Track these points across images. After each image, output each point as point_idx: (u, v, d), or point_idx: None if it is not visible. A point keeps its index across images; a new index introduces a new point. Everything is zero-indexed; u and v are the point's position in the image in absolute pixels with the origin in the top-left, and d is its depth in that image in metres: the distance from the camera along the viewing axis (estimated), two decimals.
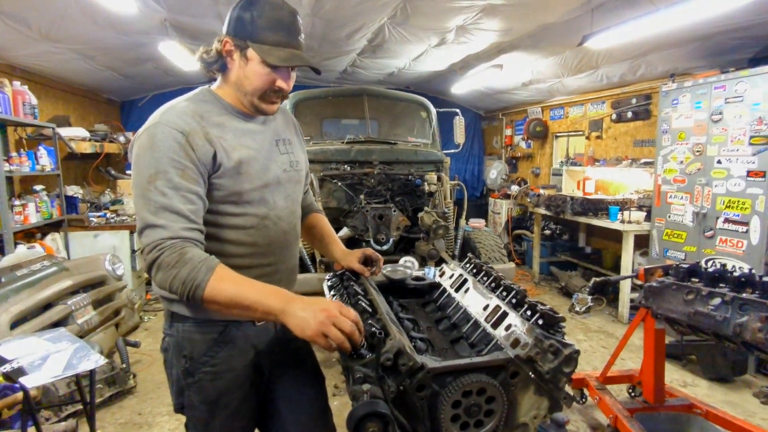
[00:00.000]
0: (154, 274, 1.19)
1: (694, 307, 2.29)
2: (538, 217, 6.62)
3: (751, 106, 3.76)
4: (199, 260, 1.18)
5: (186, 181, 1.24)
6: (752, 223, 3.78)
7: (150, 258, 1.18)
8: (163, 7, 4.11)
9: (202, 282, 1.16)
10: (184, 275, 1.16)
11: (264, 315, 1.18)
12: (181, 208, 1.21)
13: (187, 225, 1.22)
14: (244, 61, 1.34)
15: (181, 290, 1.16)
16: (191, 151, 1.26)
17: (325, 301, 1.17)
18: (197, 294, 1.16)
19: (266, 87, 1.35)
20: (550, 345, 1.16)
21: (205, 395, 1.38)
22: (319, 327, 1.10)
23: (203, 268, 1.17)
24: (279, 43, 1.32)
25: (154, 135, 1.25)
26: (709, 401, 3.08)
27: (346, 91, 5.45)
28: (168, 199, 1.20)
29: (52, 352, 2.20)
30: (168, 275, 1.17)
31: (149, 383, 3.61)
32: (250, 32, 1.31)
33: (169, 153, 1.23)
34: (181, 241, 1.19)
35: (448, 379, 1.13)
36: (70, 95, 6.04)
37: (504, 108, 9.18)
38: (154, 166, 1.22)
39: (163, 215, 1.19)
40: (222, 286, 1.17)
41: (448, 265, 1.76)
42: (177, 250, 1.17)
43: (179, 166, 1.23)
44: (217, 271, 1.18)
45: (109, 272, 4.13)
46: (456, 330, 1.46)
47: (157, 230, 1.19)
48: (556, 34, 4.82)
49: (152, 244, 1.18)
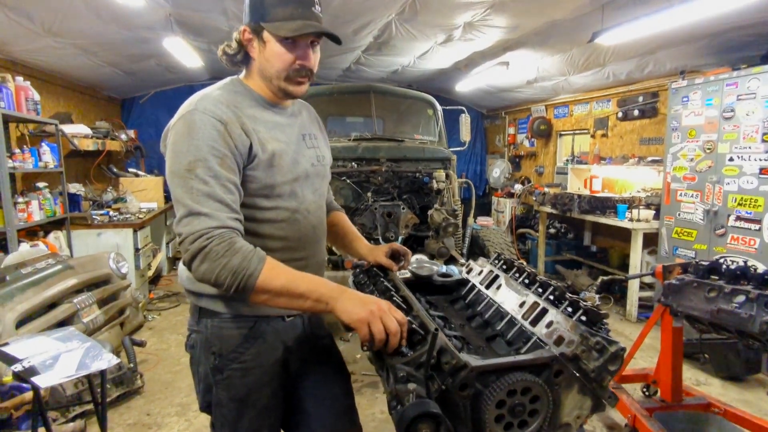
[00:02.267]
0: (198, 264, 1.14)
1: (716, 305, 2.25)
2: (544, 215, 6.59)
3: (764, 103, 3.74)
4: (249, 250, 1.16)
5: (225, 170, 1.21)
6: (765, 220, 3.76)
7: (196, 247, 1.13)
8: (168, 1, 4.06)
9: (256, 270, 1.13)
10: (235, 264, 1.12)
11: (314, 303, 1.16)
12: (224, 196, 1.18)
13: (231, 215, 1.19)
14: (262, 45, 1.32)
15: (230, 280, 1.12)
16: (230, 139, 1.22)
17: (376, 298, 1.16)
18: (249, 283, 1.13)
19: (288, 66, 1.32)
20: (596, 342, 1.11)
21: (234, 392, 1.34)
22: (367, 315, 1.09)
23: (254, 258, 1.15)
24: (291, 16, 1.28)
25: (193, 122, 1.22)
26: (724, 400, 3.05)
27: (352, 88, 5.40)
28: (210, 187, 1.17)
29: (63, 352, 2.16)
30: (216, 265, 1.12)
31: (156, 383, 3.56)
32: (262, 13, 1.29)
33: (208, 140, 1.20)
34: (229, 231, 1.16)
35: (491, 378, 1.09)
36: (71, 92, 5.98)
37: (507, 106, 9.15)
38: (194, 153, 1.19)
39: (207, 203, 1.16)
40: (274, 275, 1.15)
41: (476, 261, 1.71)
42: (226, 240, 1.14)
43: (219, 154, 1.20)
44: (269, 261, 1.17)
45: (114, 271, 4.10)
46: (490, 327, 1.41)
47: (201, 218, 1.15)
48: (565, 31, 4.79)
49: (198, 233, 1.14)
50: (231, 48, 1.37)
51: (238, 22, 4.57)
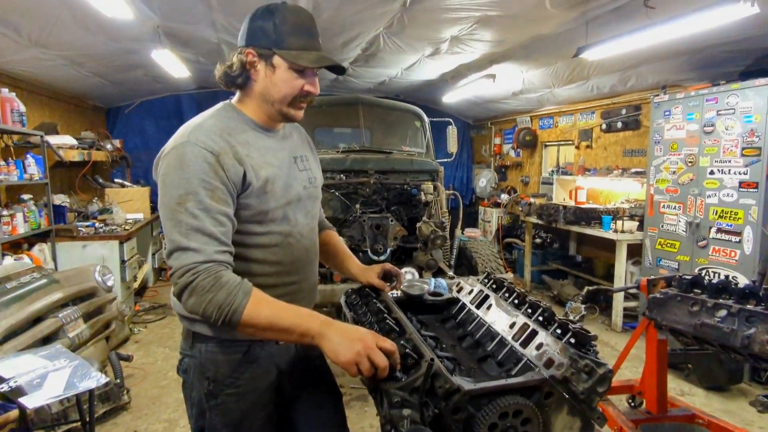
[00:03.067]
0: (186, 298, 1.16)
1: (700, 319, 2.30)
2: (530, 225, 6.66)
3: (743, 118, 3.85)
4: (234, 284, 1.16)
5: (216, 202, 1.21)
6: (745, 233, 3.85)
7: (183, 282, 1.15)
8: (156, 14, 4.05)
9: (240, 306, 1.13)
10: (221, 300, 1.13)
11: (300, 337, 1.16)
12: (213, 230, 1.19)
13: (219, 248, 1.19)
14: (270, 69, 1.33)
15: (216, 315, 1.13)
16: (221, 171, 1.23)
17: (363, 331, 1.15)
18: (234, 318, 1.13)
19: (295, 93, 1.35)
20: (585, 365, 1.14)
21: (228, 418, 1.34)
22: (354, 357, 1.08)
23: (240, 292, 1.15)
24: (305, 47, 1.32)
25: (184, 154, 1.22)
26: (707, 410, 3.11)
27: (339, 100, 5.44)
28: (199, 221, 1.17)
29: (50, 370, 2.13)
30: (203, 300, 1.13)
31: (143, 398, 3.51)
32: (275, 40, 1.30)
33: (199, 173, 1.20)
34: (216, 265, 1.16)
35: (483, 401, 1.11)
36: (56, 102, 5.91)
37: (493, 117, 9.26)
38: (184, 186, 1.19)
39: (195, 237, 1.16)
40: (259, 309, 1.15)
41: (466, 280, 1.74)
42: (212, 274, 1.15)
43: (209, 186, 1.20)
44: (254, 295, 1.17)
45: (99, 284, 4.04)
46: (481, 348, 1.43)
47: (189, 253, 1.16)
48: (550, 46, 4.88)
49: (185, 268, 1.15)
50: (233, 70, 1.36)
51: (226, 34, 4.60)
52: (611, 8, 3.76)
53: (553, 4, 3.69)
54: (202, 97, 7.90)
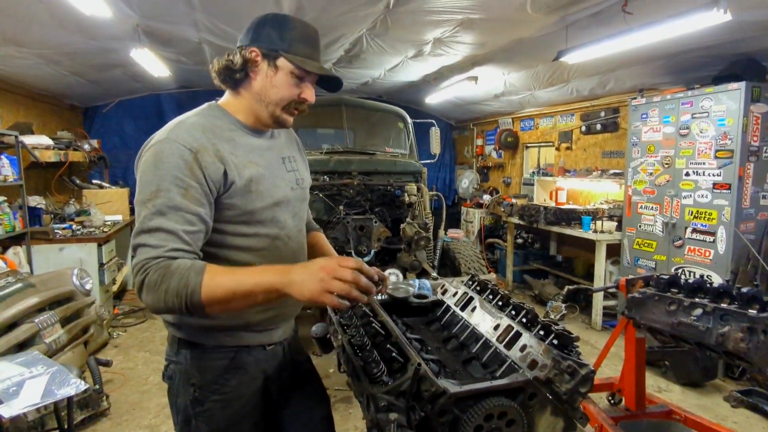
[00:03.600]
0: (144, 297, 1.12)
1: (677, 318, 2.37)
2: (512, 226, 6.74)
3: (717, 121, 3.96)
4: (185, 267, 1.11)
5: (188, 201, 1.18)
6: (719, 233, 3.96)
7: (137, 281, 1.12)
8: (136, 12, 3.98)
9: (196, 285, 1.08)
10: (175, 286, 1.08)
11: (266, 294, 1.12)
12: (177, 228, 1.16)
13: (178, 246, 1.15)
14: (272, 70, 1.33)
15: (177, 302, 1.09)
16: (198, 170, 1.21)
17: (323, 259, 1.13)
18: (194, 299, 1.08)
19: (293, 97, 1.36)
20: (568, 366, 1.16)
21: (214, 425, 1.33)
22: (320, 285, 1.06)
23: (191, 272, 1.10)
24: (310, 55, 1.35)
25: (161, 151, 1.21)
26: (684, 406, 3.18)
27: (323, 101, 5.41)
28: (165, 219, 1.15)
29: (27, 378, 2.08)
30: (159, 293, 1.09)
31: (123, 404, 3.45)
32: (283, 44, 1.32)
33: (173, 170, 1.18)
34: (165, 259, 1.12)
35: (468, 403, 1.12)
36: (31, 101, 5.77)
37: (475, 118, 9.34)
38: (156, 183, 1.18)
39: (156, 235, 1.14)
40: (217, 281, 1.10)
41: (451, 282, 1.75)
42: (161, 266, 1.11)
43: (182, 185, 1.18)
44: (208, 270, 1.12)
45: (77, 287, 3.96)
46: (465, 350, 1.45)
47: (145, 249, 1.13)
48: (531, 49, 4.94)
49: (138, 265, 1.12)
50: (235, 64, 1.34)
51: (208, 34, 4.55)
52: (590, 13, 3.82)
53: (534, 8, 3.74)
54: (182, 97, 7.79)
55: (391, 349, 1.17)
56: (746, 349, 2.05)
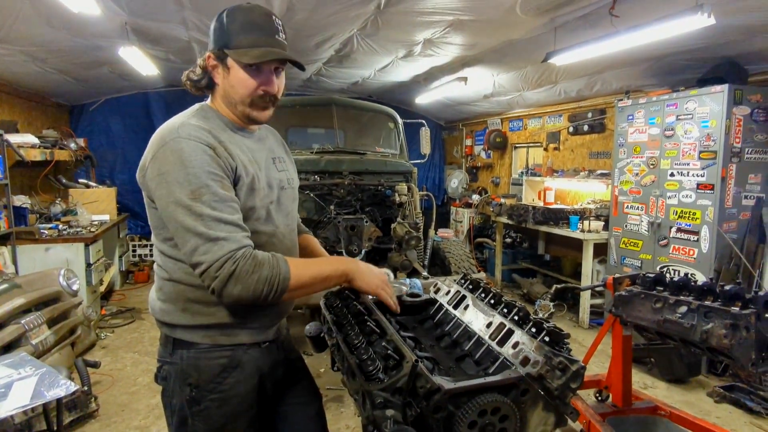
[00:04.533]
0: (232, 287, 1.17)
1: (662, 315, 2.41)
2: (500, 225, 6.80)
3: (701, 123, 4.04)
4: (270, 258, 1.24)
5: (227, 191, 1.24)
6: (702, 232, 4.05)
7: (225, 272, 1.16)
8: (125, 10, 3.95)
9: (287, 273, 1.23)
10: (267, 275, 1.20)
11: (338, 280, 1.38)
12: (234, 218, 1.23)
13: (244, 233, 1.24)
14: (226, 71, 1.33)
15: (267, 289, 1.20)
16: (221, 162, 1.25)
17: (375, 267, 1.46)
18: (285, 285, 1.23)
19: (251, 92, 1.33)
20: (559, 362, 1.19)
21: (211, 424, 1.34)
22: (380, 284, 1.44)
23: (279, 261, 1.24)
24: (254, 44, 1.30)
25: (182, 150, 1.21)
26: (669, 402, 3.25)
27: (313, 101, 5.42)
28: (219, 212, 1.20)
29: (15, 379, 2.06)
30: (250, 282, 1.18)
31: (112, 406, 3.42)
32: (226, 40, 1.31)
33: (204, 166, 1.21)
34: (248, 249, 1.22)
35: (463, 400, 1.14)
36: (16, 99, 5.68)
37: (465, 119, 9.39)
38: (193, 181, 1.19)
39: (221, 228, 1.19)
40: (301, 269, 1.28)
41: (443, 281, 1.77)
42: (249, 257, 1.20)
43: (217, 178, 1.23)
44: (290, 260, 1.27)
45: (64, 288, 3.91)
46: (458, 347, 1.47)
47: (219, 243, 1.18)
48: (520, 50, 5.00)
49: (224, 258, 1.17)
50: (195, 74, 1.37)
51: (197, 33, 4.53)
52: (578, 15, 3.88)
53: (523, 11, 3.79)
54: (171, 96, 7.72)
55: (386, 346, 1.19)
56: (729, 346, 2.10)
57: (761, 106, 3.97)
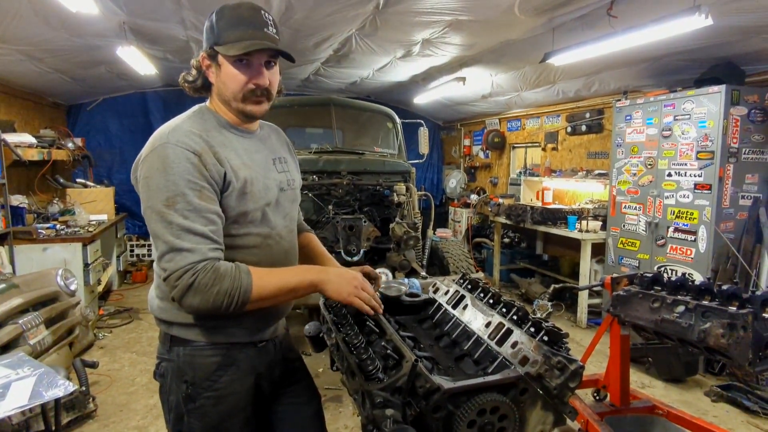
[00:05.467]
0: (190, 299, 1.18)
1: (660, 315, 2.42)
2: (499, 225, 6.81)
3: (698, 123, 4.05)
4: (232, 269, 1.22)
5: (205, 201, 1.23)
6: (700, 232, 4.06)
7: (184, 283, 1.17)
8: (122, 9, 3.94)
9: (248, 286, 1.22)
10: (227, 287, 1.19)
11: (306, 290, 1.32)
12: (204, 229, 1.21)
13: (212, 246, 1.23)
14: (218, 68, 1.35)
15: (227, 302, 1.19)
16: (205, 171, 1.24)
17: (350, 271, 1.40)
18: (246, 298, 1.22)
19: (242, 87, 1.34)
20: (558, 361, 1.20)
21: (206, 421, 1.34)
22: (353, 291, 1.34)
23: (241, 274, 1.22)
24: (241, 37, 1.30)
25: (166, 156, 1.22)
26: (666, 401, 3.26)
27: (311, 101, 5.42)
28: (190, 222, 1.19)
29: (13, 380, 2.05)
30: (209, 295, 1.18)
31: (110, 406, 3.42)
32: (216, 38, 1.32)
33: (184, 174, 1.21)
34: (211, 262, 1.20)
35: (462, 399, 1.14)
36: (13, 98, 5.66)
37: (462, 119, 9.40)
38: (171, 188, 1.20)
39: (188, 238, 1.18)
40: (264, 281, 1.25)
41: (442, 281, 1.78)
42: (210, 270, 1.19)
43: (196, 186, 1.22)
44: (254, 271, 1.25)
45: (62, 288, 3.90)
46: (457, 347, 1.48)
47: (183, 254, 1.18)
48: (518, 51, 5.00)
49: (183, 269, 1.17)
50: (191, 75, 1.39)
51: (195, 32, 4.52)
52: (577, 16, 3.89)
53: (521, 11, 3.79)
54: (169, 95, 7.70)
55: (385, 346, 1.19)
56: (726, 345, 2.10)
57: (758, 107, 3.99)
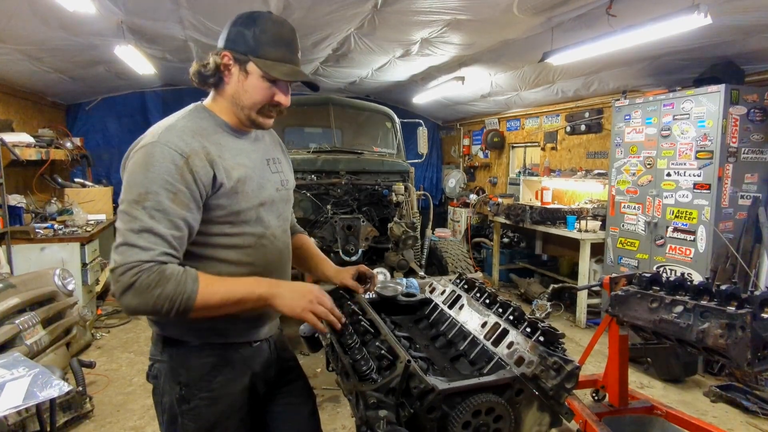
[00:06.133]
0: (129, 298, 1.13)
1: (658, 315, 2.41)
2: (498, 225, 6.79)
3: (697, 123, 4.04)
4: (179, 273, 1.17)
5: (176, 205, 1.19)
6: (699, 232, 4.05)
7: (124, 282, 1.12)
8: (120, 9, 3.93)
9: (192, 292, 1.16)
10: (171, 291, 1.14)
11: (254, 303, 1.25)
12: (165, 232, 1.17)
13: (167, 250, 1.18)
14: (243, 75, 1.33)
15: (168, 307, 1.14)
16: (188, 174, 1.22)
17: (308, 284, 1.31)
18: (189, 304, 1.16)
19: (265, 101, 1.35)
20: (554, 362, 1.19)
21: (201, 422, 1.33)
22: (307, 305, 1.26)
23: (188, 279, 1.17)
24: (281, 58, 1.33)
25: (152, 154, 1.21)
26: (665, 401, 3.25)
27: (310, 100, 5.41)
28: (155, 222, 1.16)
29: (8, 380, 2.04)
30: (149, 297, 1.12)
31: (107, 406, 3.41)
32: (253, 47, 1.31)
33: (163, 174, 1.19)
34: (157, 264, 1.15)
35: (457, 400, 1.14)
36: (11, 98, 5.65)
37: (462, 118, 9.39)
38: (146, 185, 1.18)
39: (145, 237, 1.15)
40: (211, 289, 1.19)
41: (439, 281, 1.77)
42: (155, 271, 1.14)
43: (172, 189, 1.19)
44: (202, 278, 1.20)
45: (59, 287, 3.89)
46: (453, 347, 1.47)
47: (134, 250, 1.13)
48: (517, 50, 4.99)
49: (127, 266, 1.12)
50: (206, 69, 1.36)
51: (194, 32, 4.51)
52: (575, 15, 3.88)
53: (520, 10, 3.78)
54: (167, 95, 7.70)
55: (380, 346, 1.18)
56: (725, 345, 2.09)
57: (757, 106, 3.98)
